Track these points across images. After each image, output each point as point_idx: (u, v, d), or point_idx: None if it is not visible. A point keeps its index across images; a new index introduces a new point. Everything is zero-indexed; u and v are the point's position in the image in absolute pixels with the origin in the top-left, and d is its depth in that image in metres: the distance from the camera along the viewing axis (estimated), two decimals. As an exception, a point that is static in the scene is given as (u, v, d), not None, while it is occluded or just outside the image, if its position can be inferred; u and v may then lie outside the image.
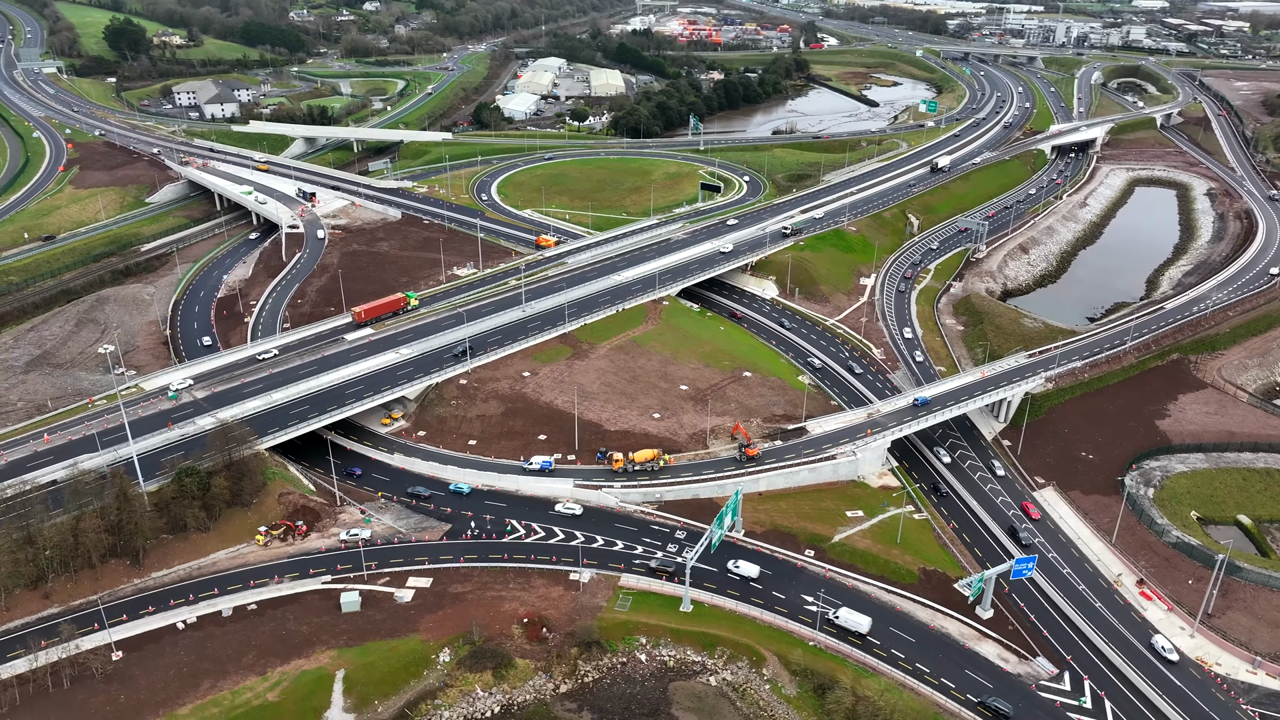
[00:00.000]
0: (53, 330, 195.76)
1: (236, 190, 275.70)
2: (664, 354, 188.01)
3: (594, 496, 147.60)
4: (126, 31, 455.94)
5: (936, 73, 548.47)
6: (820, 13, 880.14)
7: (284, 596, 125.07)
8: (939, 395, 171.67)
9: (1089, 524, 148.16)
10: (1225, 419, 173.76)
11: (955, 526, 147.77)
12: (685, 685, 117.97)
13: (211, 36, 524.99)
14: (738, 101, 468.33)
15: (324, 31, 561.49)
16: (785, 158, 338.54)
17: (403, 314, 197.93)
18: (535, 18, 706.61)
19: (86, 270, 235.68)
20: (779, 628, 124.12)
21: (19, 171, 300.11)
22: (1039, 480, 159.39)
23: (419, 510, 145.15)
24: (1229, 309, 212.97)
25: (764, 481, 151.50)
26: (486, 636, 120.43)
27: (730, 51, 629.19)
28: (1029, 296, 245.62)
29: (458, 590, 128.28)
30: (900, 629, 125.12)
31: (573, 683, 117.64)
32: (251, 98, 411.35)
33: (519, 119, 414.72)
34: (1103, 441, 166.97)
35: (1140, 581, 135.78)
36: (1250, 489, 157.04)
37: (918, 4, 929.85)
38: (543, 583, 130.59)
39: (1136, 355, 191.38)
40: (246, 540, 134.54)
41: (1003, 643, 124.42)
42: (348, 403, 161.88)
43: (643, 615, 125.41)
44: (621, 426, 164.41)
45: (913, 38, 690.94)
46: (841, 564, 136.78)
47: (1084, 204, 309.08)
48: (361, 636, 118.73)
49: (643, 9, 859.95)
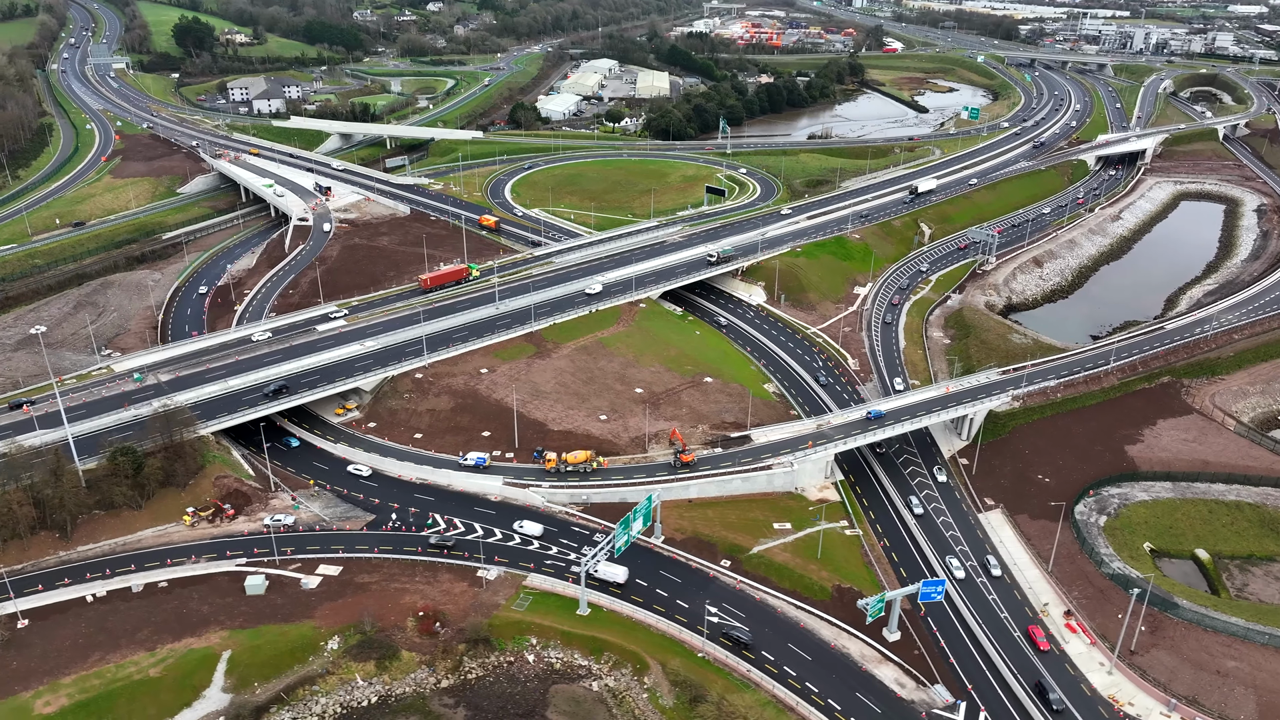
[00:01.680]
0: (51, 311, 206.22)
1: (259, 183, 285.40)
2: (627, 356, 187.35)
3: (521, 495, 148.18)
4: (193, 29, 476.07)
5: (996, 79, 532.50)
6: (891, 16, 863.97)
7: (195, 576, 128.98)
8: (896, 409, 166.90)
9: (1029, 550, 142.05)
10: (1204, 447, 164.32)
11: (886, 545, 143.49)
12: (566, 689, 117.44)
13: (277, 35, 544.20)
14: (781, 105, 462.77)
15: (384, 31, 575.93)
16: (809, 163, 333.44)
17: (464, 283, 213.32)
18: (597, 19, 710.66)
19: (106, 256, 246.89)
20: (672, 636, 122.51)
21: (66, 160, 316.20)
22: (988, 501, 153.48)
23: (348, 500, 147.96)
24: (1236, 331, 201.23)
25: (695, 488, 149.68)
26: (379, 627, 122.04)
27: (787, 55, 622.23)
28: (1034, 312, 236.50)
29: (364, 580, 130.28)
30: (799, 646, 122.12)
31: (455, 678, 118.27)
32: (301, 94, 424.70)
33: (556, 119, 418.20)
34: (1063, 465, 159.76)
35: (1068, 613, 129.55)
36: (1215, 522, 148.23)
37: (995, 9, 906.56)
38: (449, 578, 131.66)
39: (1120, 376, 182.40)
40: (175, 520, 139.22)
41: (904, 667, 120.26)
42: (301, 391, 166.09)
43: (538, 616, 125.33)
44: (565, 427, 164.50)
45: (980, 43, 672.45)
46: (756, 576, 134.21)
47: (1117, 217, 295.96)
48: (257, 620, 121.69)
49: (709, 11, 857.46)
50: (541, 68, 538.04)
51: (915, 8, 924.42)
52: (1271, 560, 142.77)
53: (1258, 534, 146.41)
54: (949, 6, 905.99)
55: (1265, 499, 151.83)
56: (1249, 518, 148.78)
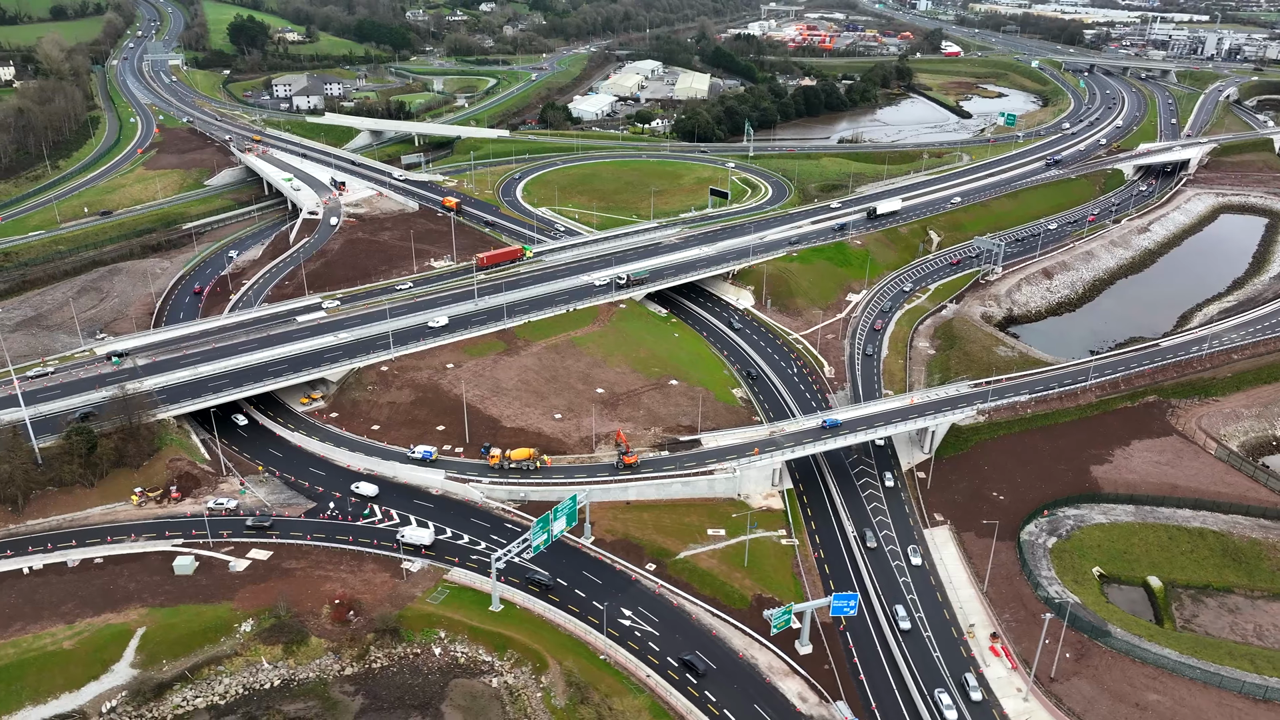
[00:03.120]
0: (55, 295, 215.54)
1: (279, 177, 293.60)
2: (595, 356, 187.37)
3: (461, 490, 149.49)
4: (246, 28, 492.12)
5: (1049, 84, 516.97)
6: (954, 20, 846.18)
7: (130, 554, 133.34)
8: (853, 419, 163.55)
9: (969, 569, 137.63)
10: (1176, 471, 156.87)
11: (820, 556, 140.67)
12: (466, 683, 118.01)
13: (330, 34, 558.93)
14: (819, 109, 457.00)
15: (434, 30, 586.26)
16: (829, 167, 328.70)
17: (519, 262, 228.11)
18: (649, 21, 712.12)
19: (126, 244, 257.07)
20: (578, 637, 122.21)
21: (106, 152, 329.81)
22: (937, 517, 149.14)
23: (293, 487, 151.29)
24: (1236, 351, 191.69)
25: (633, 490, 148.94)
26: (295, 613, 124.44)
27: (836, 58, 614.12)
28: (1036, 325, 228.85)
29: (290, 566, 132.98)
30: (708, 653, 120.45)
31: (360, 666, 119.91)
32: (342, 91, 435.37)
33: (587, 119, 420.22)
34: (1021, 483, 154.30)
35: (994, 635, 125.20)
36: (1174, 549, 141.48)
37: (1065, 12, 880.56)
38: (374, 568, 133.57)
39: (1099, 394, 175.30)
40: (124, 499, 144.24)
41: (810, 681, 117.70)
42: (265, 379, 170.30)
43: (451, 610, 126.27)
44: (518, 424, 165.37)
45: (1041, 47, 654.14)
46: (678, 582, 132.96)
47: (1145, 229, 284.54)
48: (178, 599, 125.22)
49: (767, 14, 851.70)
50: (585, 68, 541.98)
51: (981, 10, 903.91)
52: (1228, 592, 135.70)
53: (1218, 563, 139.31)
54: (1016, 10, 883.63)
55: (1232, 528, 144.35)
56: (1211, 546, 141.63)
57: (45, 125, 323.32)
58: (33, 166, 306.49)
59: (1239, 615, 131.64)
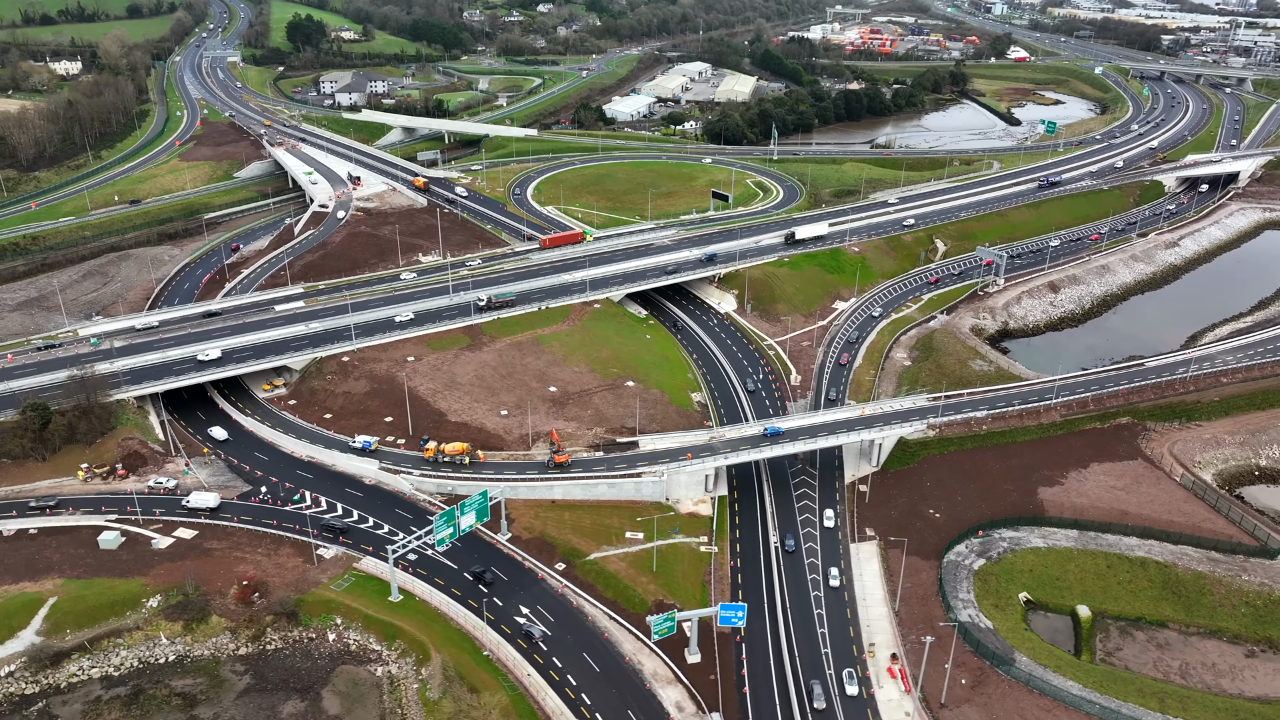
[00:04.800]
0: (62, 278, 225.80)
1: (300, 170, 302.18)
2: (556, 355, 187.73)
3: (392, 480, 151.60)
4: (302, 26, 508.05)
5: (1110, 91, 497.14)
6: (1028, 24, 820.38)
7: (64, 527, 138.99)
8: (797, 428, 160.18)
9: (886, 587, 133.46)
10: (1131, 497, 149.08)
11: (736, 565, 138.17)
12: (352, 670, 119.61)
13: (387, 33, 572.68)
14: (860, 113, 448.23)
15: (488, 31, 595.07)
16: (851, 172, 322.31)
17: (580, 245, 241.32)
18: (708, 23, 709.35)
19: (147, 232, 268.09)
20: (467, 632, 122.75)
21: (148, 143, 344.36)
22: (868, 532, 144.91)
23: (235, 469, 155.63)
24: (1225, 374, 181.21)
25: (559, 490, 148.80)
26: (203, 591, 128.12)
27: (892, 62, 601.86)
28: (1032, 339, 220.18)
29: (210, 546, 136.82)
30: (594, 656, 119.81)
31: (254, 647, 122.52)
32: (386, 88, 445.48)
33: (621, 120, 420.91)
34: (961, 501, 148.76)
35: (894, 656, 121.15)
36: (1112, 578, 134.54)
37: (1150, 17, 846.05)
38: (289, 552, 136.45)
39: (1064, 413, 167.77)
40: (73, 474, 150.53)
41: (691, 691, 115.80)
42: (229, 365, 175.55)
43: (351, 597, 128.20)
44: (463, 419, 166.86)
45: (1114, 53, 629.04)
46: (583, 583, 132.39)
47: (1174, 244, 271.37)
48: (95, 572, 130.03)
49: (832, 16, 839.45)
50: (632, 69, 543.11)
51: (1058, 15, 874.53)
52: (1161, 626, 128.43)
53: (1155, 595, 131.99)
54: (1096, 14, 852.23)
55: (1179, 559, 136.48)
56: (1152, 577, 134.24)
57: (92, 117, 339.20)
58: (76, 156, 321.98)
59: (1167, 651, 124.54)
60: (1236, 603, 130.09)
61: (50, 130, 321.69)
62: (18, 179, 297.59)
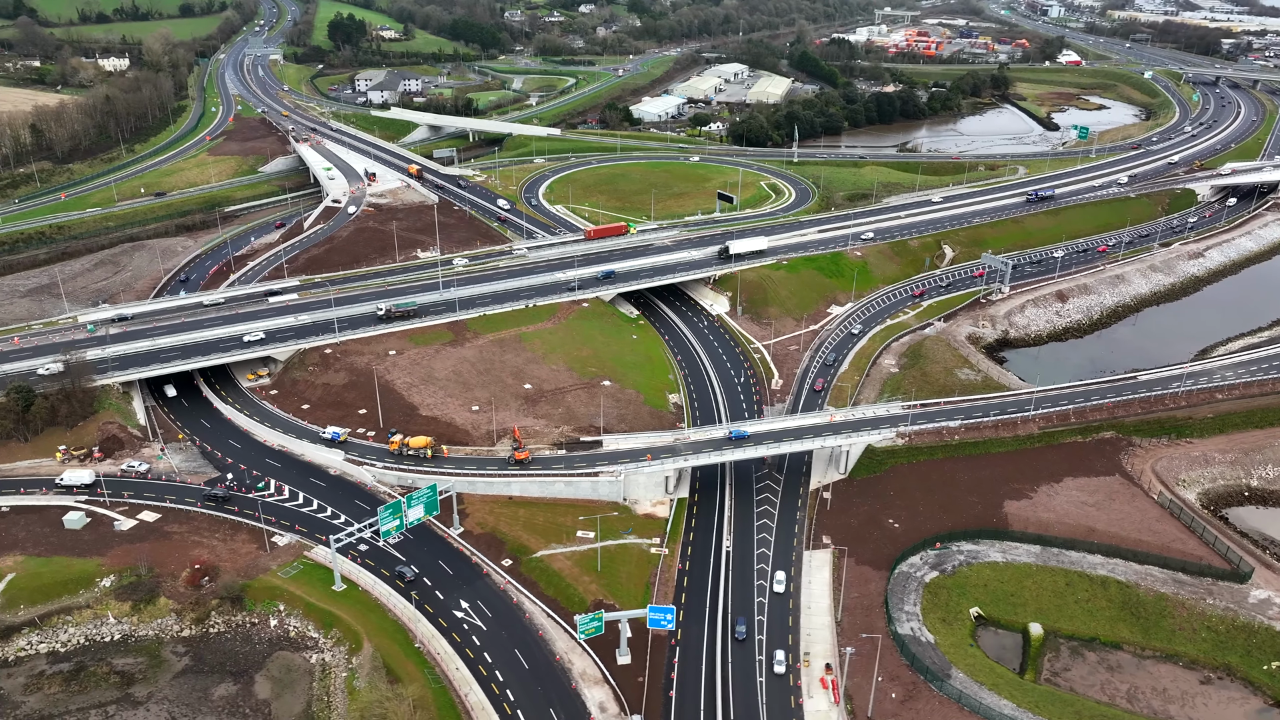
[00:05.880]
0: (75, 267, 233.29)
1: (320, 166, 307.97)
2: (535, 353, 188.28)
3: (355, 471, 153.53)
4: (343, 25, 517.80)
5: (1159, 96, 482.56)
6: (1083, 27, 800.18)
7: (35, 506, 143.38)
8: (763, 432, 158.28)
9: (833, 596, 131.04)
10: (1102, 514, 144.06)
11: (684, 568, 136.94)
12: (287, 656, 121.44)
13: (428, 32, 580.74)
14: (892, 116, 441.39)
15: (528, 31, 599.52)
16: (869, 176, 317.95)
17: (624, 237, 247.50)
18: (751, 24, 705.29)
19: (167, 224, 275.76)
20: (402, 624, 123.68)
21: (180, 137, 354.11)
22: (824, 540, 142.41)
23: (208, 456, 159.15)
24: (1222, 390, 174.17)
25: (516, 486, 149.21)
26: (156, 573, 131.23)
27: (938, 65, 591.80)
28: (1032, 349, 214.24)
29: (170, 529, 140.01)
30: (525, 653, 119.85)
31: (197, 630, 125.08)
32: (420, 87, 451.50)
33: (649, 120, 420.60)
34: (922, 512, 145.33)
35: (828, 667, 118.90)
36: (1069, 596, 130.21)
37: (1216, 20, 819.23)
38: (245, 538, 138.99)
39: (1042, 425, 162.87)
40: (53, 455, 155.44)
41: (616, 693, 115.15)
42: (214, 354, 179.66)
43: (297, 585, 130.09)
44: (434, 413, 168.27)
45: (1171, 57, 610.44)
46: (527, 580, 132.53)
47: (1198, 255, 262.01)
48: (56, 550, 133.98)
49: (881, 19, 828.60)
50: (668, 70, 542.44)
51: (1118, 18, 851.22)
52: (1115, 648, 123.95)
53: (1113, 616, 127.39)
54: (1157, 18, 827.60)
55: (1143, 579, 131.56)
56: (1112, 596, 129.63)
57: (128, 112, 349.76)
58: (110, 150, 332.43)
59: (1117, 674, 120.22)
60: (1197, 626, 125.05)
61: (87, 124, 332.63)
62: (52, 170, 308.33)
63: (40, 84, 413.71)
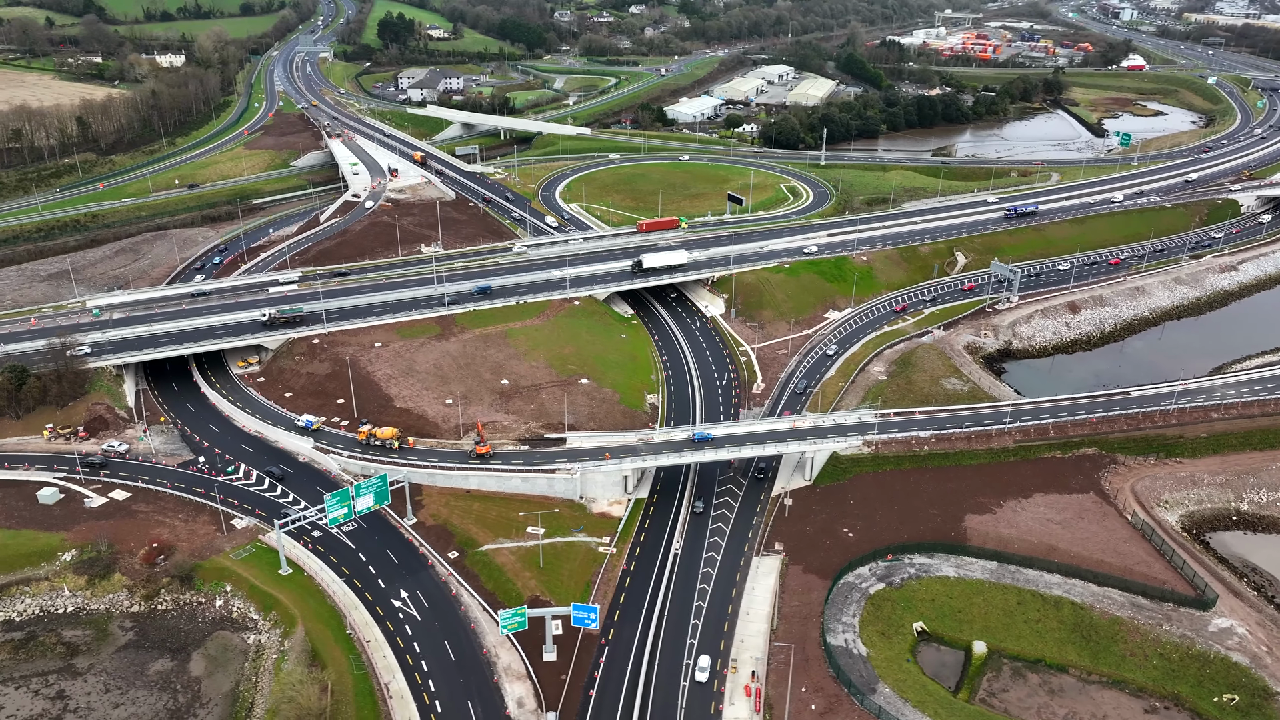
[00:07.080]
0: (96, 254, 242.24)
1: (347, 161, 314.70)
2: (518, 349, 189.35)
3: (322, 459, 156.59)
4: (391, 24, 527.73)
5: (1221, 103, 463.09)
6: (1154, 31, 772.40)
7: (13, 480, 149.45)
8: (727, 435, 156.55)
9: (773, 603, 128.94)
10: (1067, 532, 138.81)
11: (628, 569, 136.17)
12: (226, 636, 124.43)
13: (477, 31, 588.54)
14: (934, 120, 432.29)
15: (576, 31, 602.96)
16: (894, 180, 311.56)
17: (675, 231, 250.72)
18: (804, 25, 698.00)
19: (194, 215, 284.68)
20: (340, 610, 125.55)
21: (223, 130, 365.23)
22: (776, 546, 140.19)
23: (187, 439, 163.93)
24: (1219, 410, 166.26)
25: (474, 480, 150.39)
26: (116, 550, 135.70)
27: (993, 69, 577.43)
28: (1034, 361, 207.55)
29: (137, 508, 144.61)
30: (454, 646, 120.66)
31: (146, 606, 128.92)
32: (461, 86, 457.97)
33: (683, 121, 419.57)
34: (879, 522, 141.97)
35: (754, 674, 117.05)
36: (1019, 615, 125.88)
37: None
38: (205, 520, 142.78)
39: (1018, 439, 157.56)
40: (39, 433, 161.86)
41: (536, 689, 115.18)
42: (207, 340, 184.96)
43: (245, 567, 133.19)
44: (408, 405, 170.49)
45: (1241, 62, 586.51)
46: (469, 573, 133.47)
47: (1230, 268, 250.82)
48: (26, 524, 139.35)
49: (940, 20, 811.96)
50: (712, 71, 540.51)
51: (1194, 21, 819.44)
52: (1060, 671, 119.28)
53: (1063, 638, 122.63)
54: (1236, 21, 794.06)
55: (1099, 601, 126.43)
56: (1064, 617, 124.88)
57: (173, 106, 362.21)
58: (153, 142, 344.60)
59: (1058, 697, 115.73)
60: (1150, 653, 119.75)
61: (132, 118, 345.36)
62: (95, 161, 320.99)
63: (99, 79, 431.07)
